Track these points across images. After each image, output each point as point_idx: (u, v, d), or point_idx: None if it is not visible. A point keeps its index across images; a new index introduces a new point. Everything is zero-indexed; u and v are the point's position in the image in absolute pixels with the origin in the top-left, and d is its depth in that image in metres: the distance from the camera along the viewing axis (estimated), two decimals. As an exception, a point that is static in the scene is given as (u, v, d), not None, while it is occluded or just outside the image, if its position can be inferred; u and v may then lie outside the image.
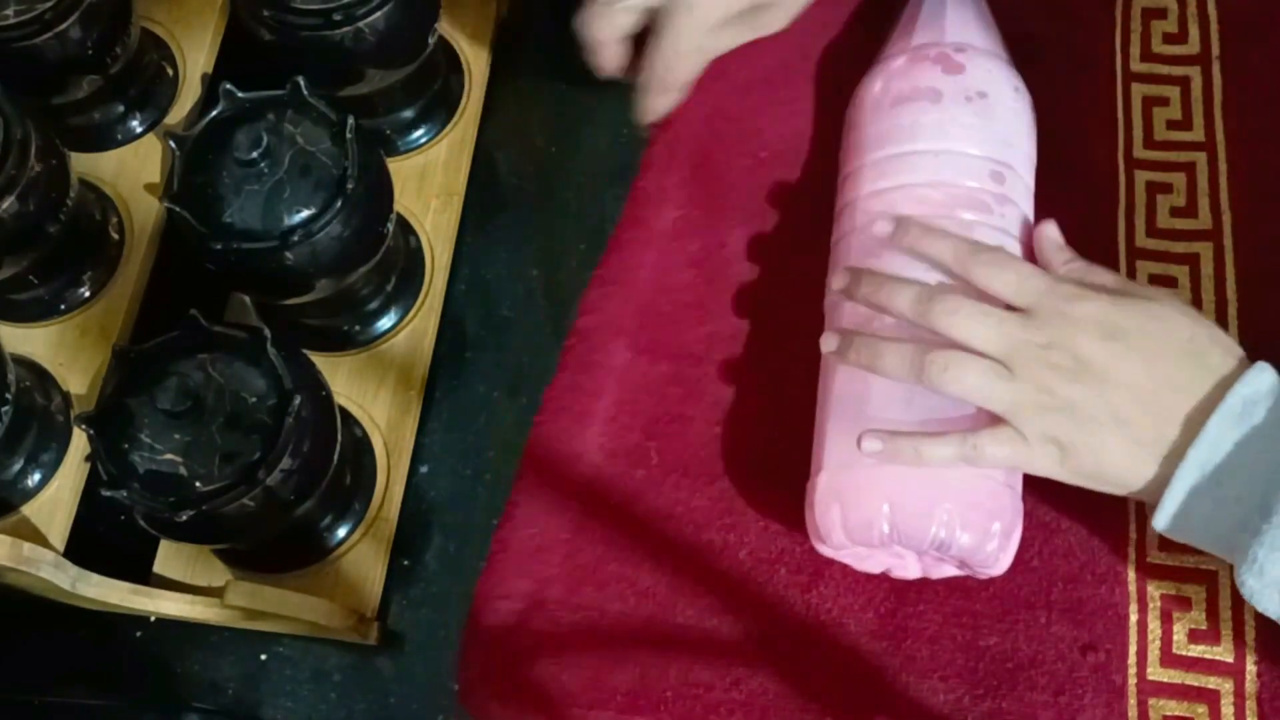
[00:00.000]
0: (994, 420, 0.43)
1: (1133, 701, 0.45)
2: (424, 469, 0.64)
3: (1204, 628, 0.46)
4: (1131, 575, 0.47)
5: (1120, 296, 0.44)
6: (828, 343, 0.47)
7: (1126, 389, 0.43)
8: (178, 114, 0.66)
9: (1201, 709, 0.45)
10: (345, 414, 0.62)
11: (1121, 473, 0.44)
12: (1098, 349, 0.44)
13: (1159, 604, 0.46)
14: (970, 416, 0.43)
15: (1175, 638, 0.47)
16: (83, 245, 0.61)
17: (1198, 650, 0.46)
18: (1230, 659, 0.46)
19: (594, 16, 0.51)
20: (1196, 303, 0.51)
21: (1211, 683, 0.46)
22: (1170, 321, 0.44)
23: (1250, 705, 0.45)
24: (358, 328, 0.66)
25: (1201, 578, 0.47)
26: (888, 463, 0.44)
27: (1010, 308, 0.44)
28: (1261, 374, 0.42)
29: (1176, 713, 0.45)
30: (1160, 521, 0.42)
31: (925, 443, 0.45)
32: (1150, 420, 0.43)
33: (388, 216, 0.59)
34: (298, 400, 0.51)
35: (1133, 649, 0.46)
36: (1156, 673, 0.46)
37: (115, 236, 0.63)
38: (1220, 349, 0.43)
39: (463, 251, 0.69)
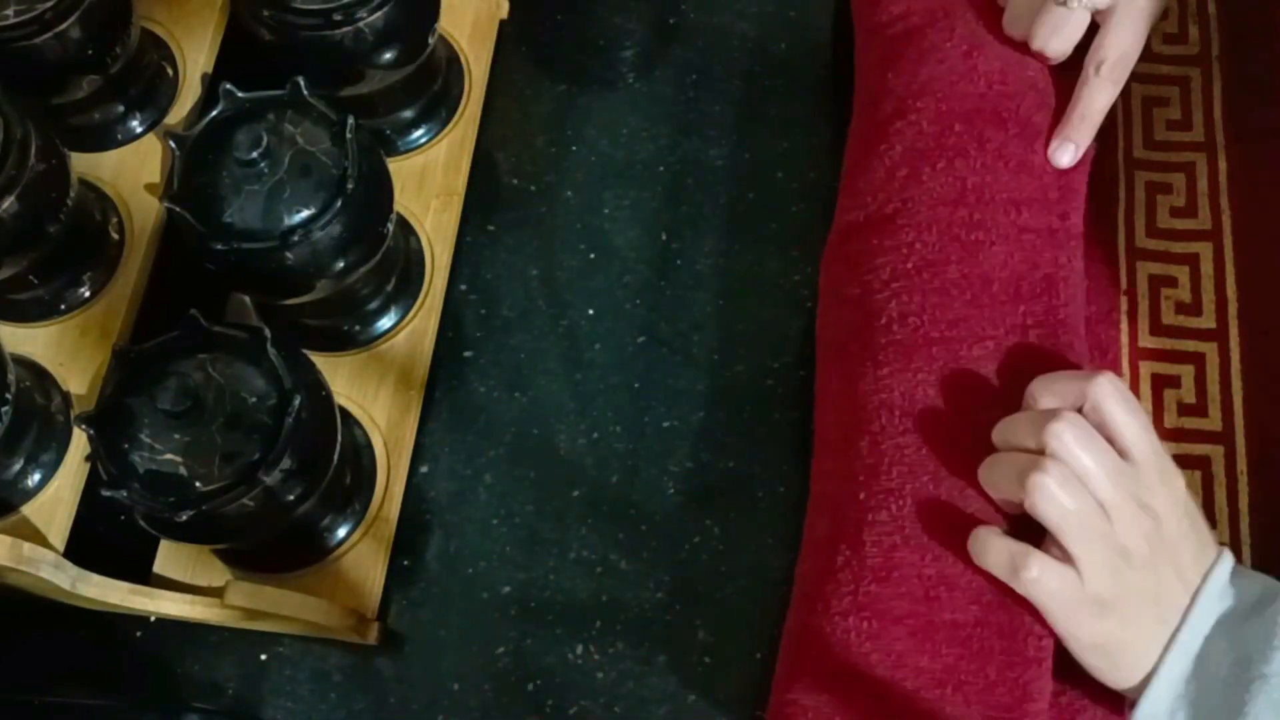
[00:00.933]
0: (1062, 556, 0.45)
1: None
2: (424, 469, 0.64)
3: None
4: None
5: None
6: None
7: (1167, 572, 0.45)
8: (178, 114, 0.66)
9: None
10: (345, 414, 0.62)
11: (1140, 653, 0.45)
12: (1174, 527, 0.45)
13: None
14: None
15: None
16: (83, 245, 0.61)
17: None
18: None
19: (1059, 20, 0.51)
20: (1196, 303, 0.51)
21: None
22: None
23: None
24: (358, 328, 0.66)
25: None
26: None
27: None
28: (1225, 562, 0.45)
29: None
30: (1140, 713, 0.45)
31: (986, 536, 0.46)
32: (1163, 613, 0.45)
33: (388, 216, 0.59)
34: (298, 400, 0.51)
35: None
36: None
37: (115, 236, 0.63)
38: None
39: (463, 251, 0.69)
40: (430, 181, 0.70)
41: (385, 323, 0.66)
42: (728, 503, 0.62)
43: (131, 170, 0.65)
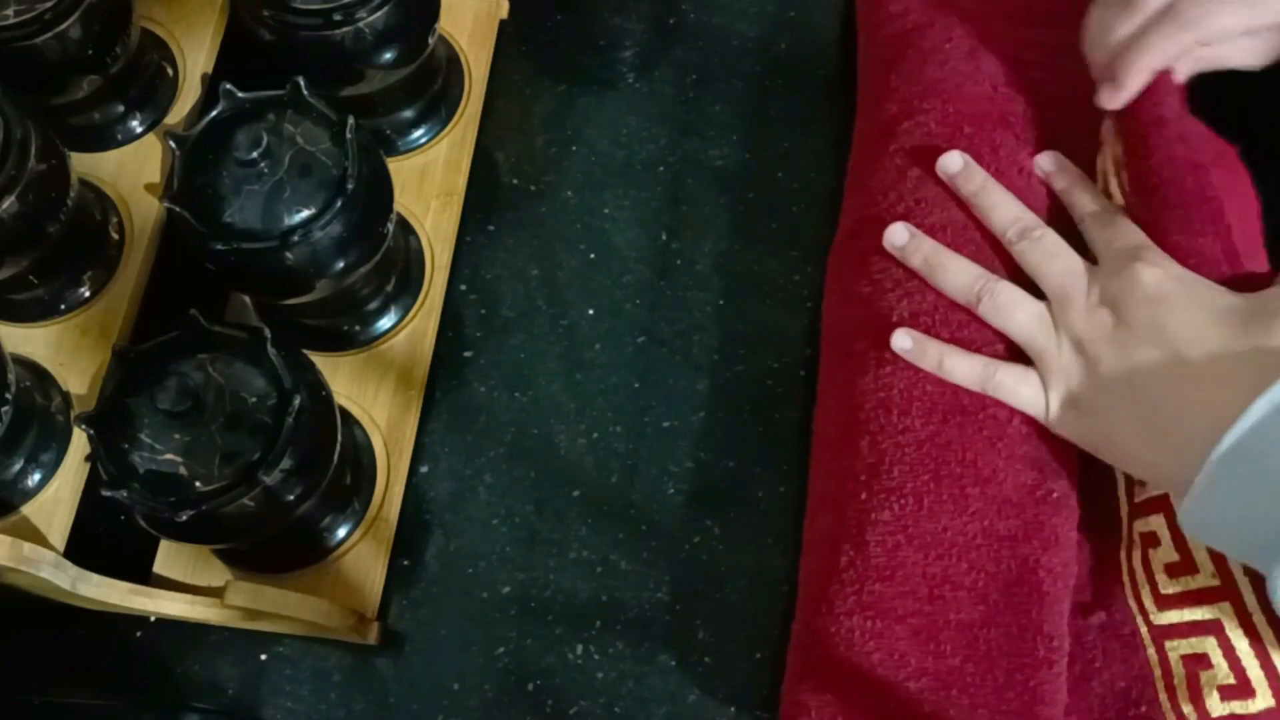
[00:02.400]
0: (1028, 362, 0.44)
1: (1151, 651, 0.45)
2: (424, 469, 0.64)
3: (1176, 559, 0.46)
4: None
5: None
6: (894, 234, 0.50)
7: (1161, 363, 0.41)
8: (178, 114, 0.66)
9: (1210, 640, 0.45)
10: (345, 414, 0.62)
11: (1137, 451, 0.42)
12: (1144, 313, 0.43)
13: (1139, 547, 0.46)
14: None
15: (1157, 579, 0.46)
16: (83, 245, 0.61)
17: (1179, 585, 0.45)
18: (1217, 582, 0.46)
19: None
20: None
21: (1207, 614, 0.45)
22: (1221, 309, 0.42)
23: (1257, 619, 0.44)
24: (358, 328, 0.65)
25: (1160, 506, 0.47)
26: (914, 362, 0.47)
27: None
28: None
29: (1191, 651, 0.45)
30: (1183, 518, 0.41)
31: (950, 354, 0.47)
32: (1178, 402, 0.41)
33: (388, 216, 0.59)
34: (298, 400, 0.51)
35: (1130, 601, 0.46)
36: (1158, 616, 0.45)
37: (115, 236, 0.63)
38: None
39: (463, 251, 0.69)
40: (430, 181, 0.70)
41: (385, 323, 0.66)
42: (728, 503, 0.62)
43: (131, 170, 0.65)
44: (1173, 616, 0.45)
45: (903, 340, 0.50)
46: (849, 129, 0.66)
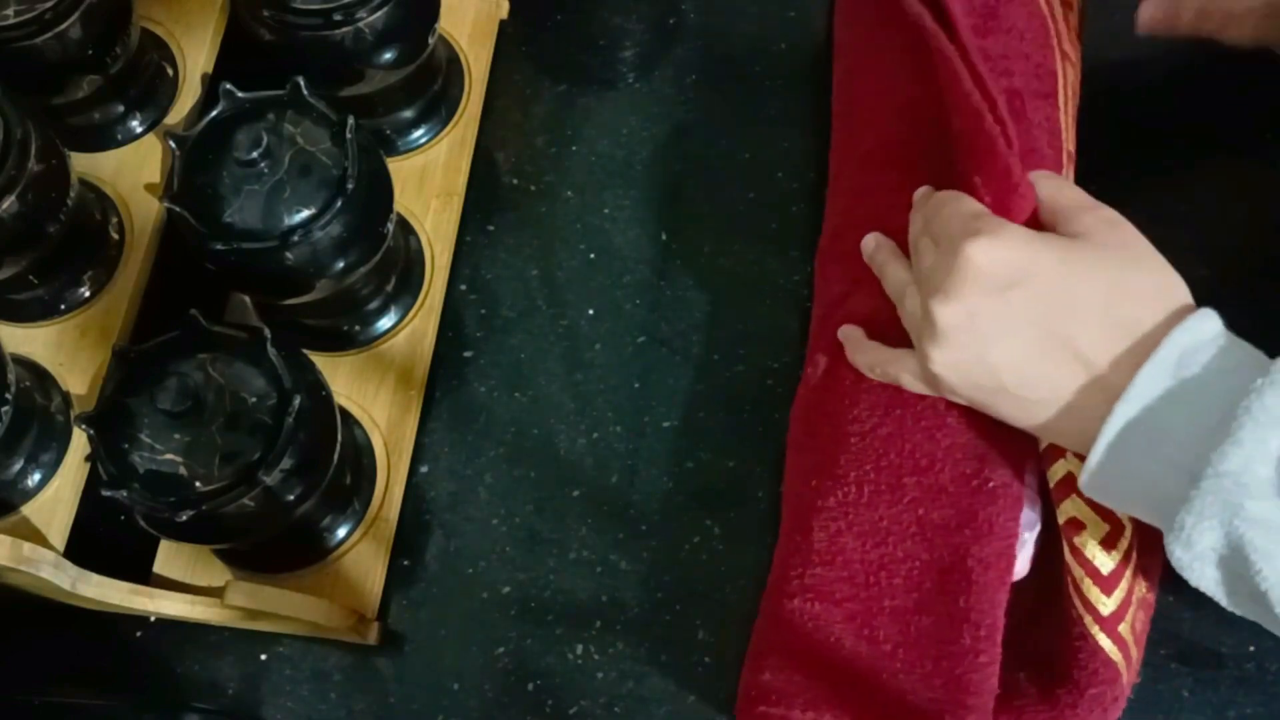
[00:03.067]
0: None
1: None
2: (424, 469, 0.64)
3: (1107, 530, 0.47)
4: None
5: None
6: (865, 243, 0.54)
7: (1034, 323, 0.43)
8: (178, 114, 0.66)
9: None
10: (345, 414, 0.62)
11: (1018, 418, 0.44)
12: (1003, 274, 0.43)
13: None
14: None
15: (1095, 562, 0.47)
16: (83, 245, 0.61)
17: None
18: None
19: None
20: None
21: None
22: (1110, 255, 0.43)
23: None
24: (358, 328, 0.65)
25: None
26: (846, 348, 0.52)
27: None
28: (1204, 322, 0.39)
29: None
30: (1083, 481, 0.42)
31: (859, 346, 0.48)
32: (1062, 367, 0.42)
33: (388, 216, 0.59)
34: (298, 400, 0.51)
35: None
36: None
37: (115, 236, 0.63)
38: (1158, 286, 0.41)
39: (463, 251, 0.69)
40: (430, 181, 0.70)
41: (385, 323, 0.66)
42: (728, 503, 0.62)
43: (131, 170, 0.65)
44: (1119, 597, 0.45)
45: (849, 330, 0.53)
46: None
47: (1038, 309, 0.42)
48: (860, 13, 0.64)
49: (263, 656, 0.61)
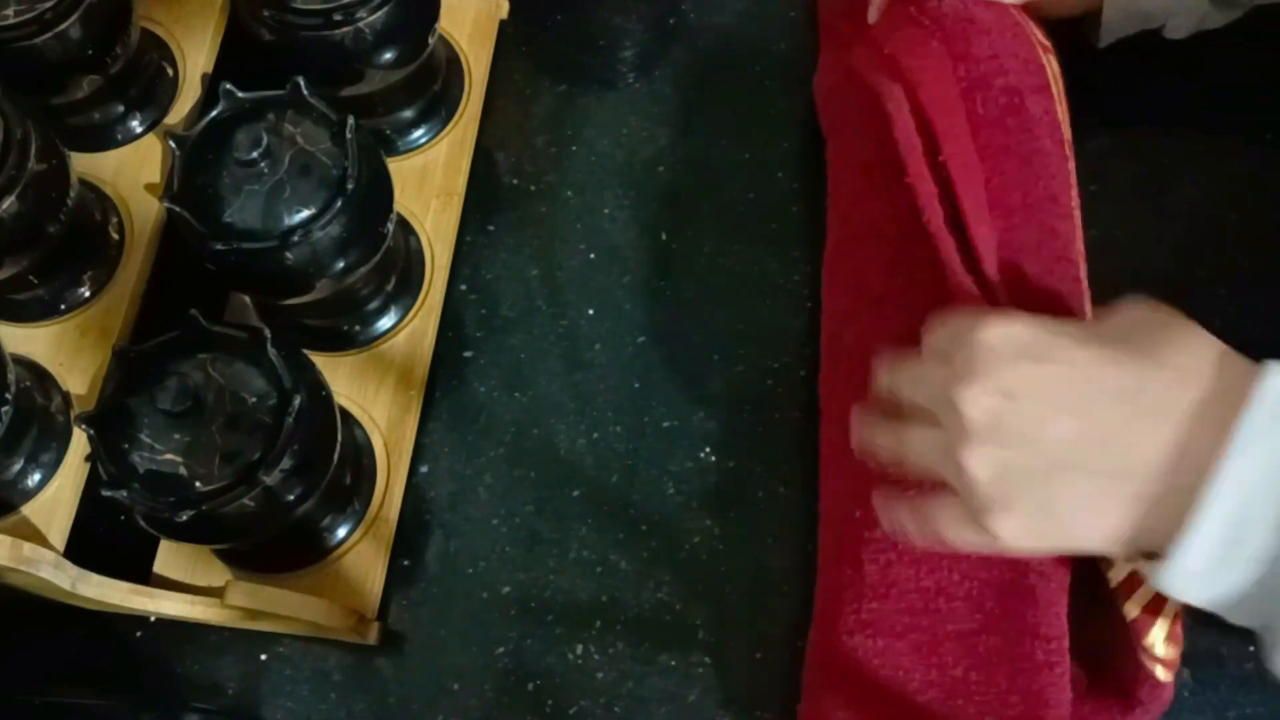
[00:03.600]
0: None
1: None
2: (424, 469, 0.64)
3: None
4: None
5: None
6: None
7: (1068, 422, 0.36)
8: (178, 114, 0.66)
9: None
10: (345, 414, 0.62)
11: (1085, 528, 0.38)
12: (1018, 379, 0.37)
13: None
14: None
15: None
16: (83, 245, 0.61)
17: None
18: None
19: None
20: None
21: None
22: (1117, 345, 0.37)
23: None
24: (358, 328, 0.65)
25: None
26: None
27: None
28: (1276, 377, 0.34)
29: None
30: (1168, 580, 0.36)
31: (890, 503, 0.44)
32: (1108, 455, 0.36)
33: (388, 216, 0.59)
34: (298, 400, 0.51)
35: None
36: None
37: (115, 236, 0.63)
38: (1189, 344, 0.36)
39: (463, 251, 0.69)
40: (430, 181, 0.70)
41: (385, 323, 0.66)
42: (728, 503, 0.62)
43: (131, 170, 0.65)
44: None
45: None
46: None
47: (1077, 381, 0.36)
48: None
49: (263, 656, 0.61)
